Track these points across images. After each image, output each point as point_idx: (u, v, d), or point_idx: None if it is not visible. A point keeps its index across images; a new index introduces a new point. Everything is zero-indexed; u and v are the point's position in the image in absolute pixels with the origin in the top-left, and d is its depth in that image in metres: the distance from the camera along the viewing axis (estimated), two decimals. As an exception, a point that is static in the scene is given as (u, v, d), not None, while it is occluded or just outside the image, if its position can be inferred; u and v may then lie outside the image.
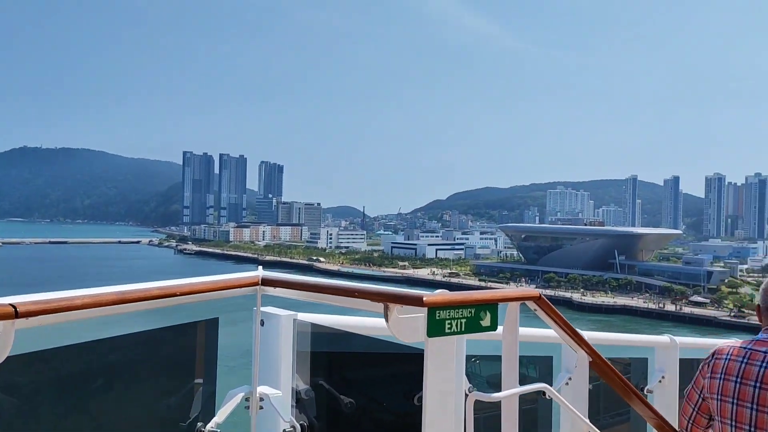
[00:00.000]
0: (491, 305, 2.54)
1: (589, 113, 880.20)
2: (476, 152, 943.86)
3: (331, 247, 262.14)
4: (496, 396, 2.73)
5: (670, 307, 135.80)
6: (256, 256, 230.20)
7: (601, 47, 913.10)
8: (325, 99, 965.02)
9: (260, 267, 3.11)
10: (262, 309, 2.90)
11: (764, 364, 2.73)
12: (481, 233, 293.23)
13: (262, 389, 2.81)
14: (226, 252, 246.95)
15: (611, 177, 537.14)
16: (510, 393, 2.80)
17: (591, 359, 3.30)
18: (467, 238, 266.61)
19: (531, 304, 2.86)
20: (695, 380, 3.06)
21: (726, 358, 2.86)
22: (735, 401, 2.77)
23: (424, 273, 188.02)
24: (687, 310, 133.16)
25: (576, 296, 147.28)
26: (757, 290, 2.90)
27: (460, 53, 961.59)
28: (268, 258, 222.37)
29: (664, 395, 4.81)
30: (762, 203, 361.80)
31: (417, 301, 2.30)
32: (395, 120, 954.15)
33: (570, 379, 3.75)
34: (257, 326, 2.91)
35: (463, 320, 2.43)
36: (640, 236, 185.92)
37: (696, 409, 3.05)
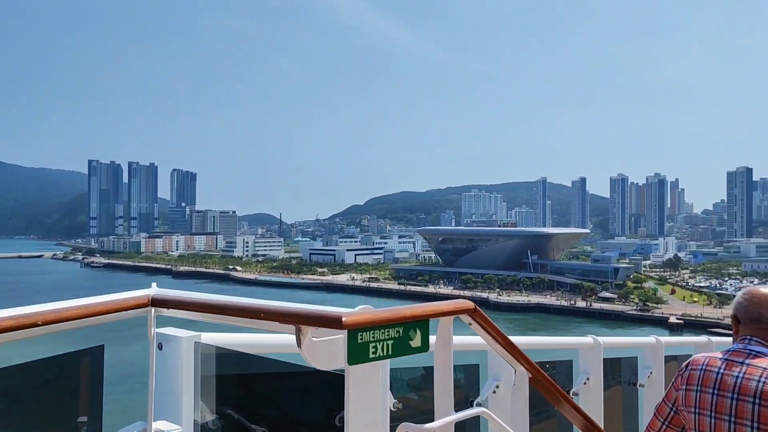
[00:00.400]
0: (422, 322, 2.29)
1: (500, 117, 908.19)
2: (393, 157, 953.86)
3: (247, 256, 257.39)
4: (429, 428, 2.46)
5: (581, 304, 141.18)
6: (169, 267, 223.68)
7: (507, 52, 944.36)
8: (240, 105, 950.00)
9: (154, 284, 2.78)
10: (159, 330, 2.55)
11: (741, 375, 2.63)
12: (400, 237, 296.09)
13: (159, 425, 2.46)
14: (137, 264, 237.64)
15: (523, 179, 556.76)
16: (445, 422, 2.54)
17: (531, 375, 3.14)
18: (386, 243, 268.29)
19: (465, 318, 2.62)
20: (667, 393, 2.92)
21: (701, 369, 2.75)
22: (713, 414, 2.66)
23: (343, 279, 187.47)
24: (597, 305, 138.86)
25: (492, 296, 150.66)
26: (660, 284, 2.89)
27: (374, 59, 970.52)
28: (182, 269, 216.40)
29: (589, 396, 4.59)
30: (662, 202, 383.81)
31: (335, 323, 2.04)
32: (311, 125, 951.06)
33: (497, 387, 3.64)
34: (153, 351, 2.54)
35: (390, 342, 2.17)
36: (551, 236, 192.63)
37: (667, 422, 2.90)
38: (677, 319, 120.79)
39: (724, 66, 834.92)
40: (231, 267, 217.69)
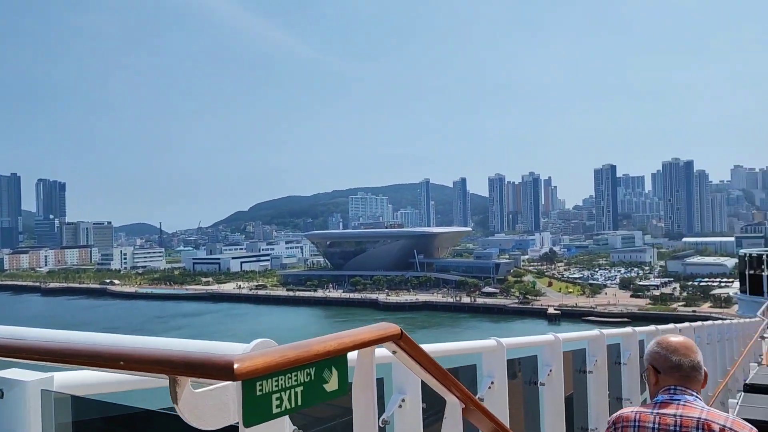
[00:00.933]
0: (338, 358, 1.86)
1: (383, 120, 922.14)
2: (278, 161, 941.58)
3: (126, 268, 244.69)
4: None
5: (466, 300, 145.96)
6: (38, 284, 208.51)
7: (386, 55, 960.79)
8: (109, 110, 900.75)
9: None
10: (1, 374, 1.99)
11: (677, 428, 2.60)
12: (287, 243, 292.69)
13: None
14: (1, 282, 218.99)
15: (407, 181, 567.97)
16: None
17: (464, 406, 2.92)
18: (273, 249, 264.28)
19: (390, 346, 2.22)
20: None
21: (634, 425, 2.70)
22: None
23: (229, 288, 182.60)
24: (481, 300, 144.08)
25: (381, 297, 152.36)
26: (538, 277, 2.78)
27: (254, 61, 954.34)
28: (52, 285, 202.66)
29: (495, 401, 4.40)
30: (537, 199, 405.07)
31: (223, 371, 1.50)
32: (192, 131, 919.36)
33: (403, 401, 3.35)
34: None
35: (299, 389, 1.69)
36: (435, 235, 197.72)
37: None
38: (555, 309, 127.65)
39: (587, 69, 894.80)
40: (108, 281, 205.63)
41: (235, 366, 1.47)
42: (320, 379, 1.75)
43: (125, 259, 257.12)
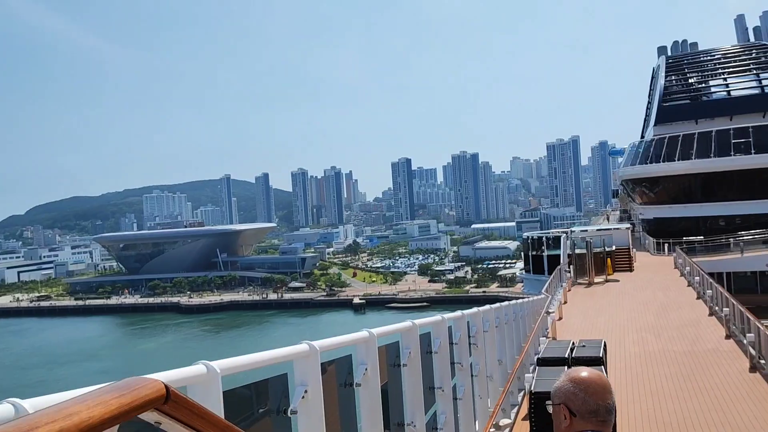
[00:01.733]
0: None
1: (175, 113, 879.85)
2: (58, 160, 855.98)
3: None
4: None
5: (272, 296, 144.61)
6: None
7: (182, 48, 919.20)
8: None
9: None
10: None
11: None
12: (73, 248, 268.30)
13: None
14: None
15: (206, 177, 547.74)
16: None
17: None
18: (57, 255, 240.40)
19: (151, 416, 1.43)
20: None
21: None
22: None
23: (5, 301, 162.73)
24: (288, 296, 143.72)
25: (183, 300, 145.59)
26: (343, 269, 2.55)
27: (33, 52, 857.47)
28: None
29: (309, 411, 3.94)
30: (339, 193, 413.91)
31: None
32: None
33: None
34: None
35: None
36: (239, 232, 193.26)
37: None
38: (360, 299, 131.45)
39: (380, 65, 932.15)
40: None
41: None
42: None
43: None
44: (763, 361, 15.67)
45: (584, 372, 2.64)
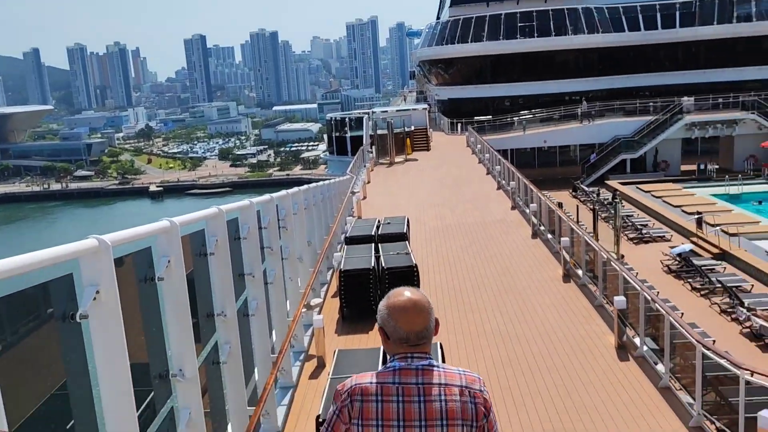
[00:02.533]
0: None
1: None
2: None
3: None
4: None
5: (56, 186, 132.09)
6: None
7: None
8: None
9: None
10: None
11: (421, 399, 2.46)
12: None
13: None
14: None
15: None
16: None
17: None
18: None
19: None
20: (333, 427, 2.52)
21: (376, 400, 2.46)
22: None
23: None
24: (74, 185, 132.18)
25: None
26: (136, 155, 2.34)
27: None
28: None
29: (103, 313, 3.43)
30: (126, 72, 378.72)
31: None
32: None
33: None
34: None
35: None
36: (8, 116, 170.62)
37: None
38: (157, 187, 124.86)
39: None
40: None
41: None
42: None
43: None
44: (543, 228, 17.45)
45: (401, 297, 2.60)
